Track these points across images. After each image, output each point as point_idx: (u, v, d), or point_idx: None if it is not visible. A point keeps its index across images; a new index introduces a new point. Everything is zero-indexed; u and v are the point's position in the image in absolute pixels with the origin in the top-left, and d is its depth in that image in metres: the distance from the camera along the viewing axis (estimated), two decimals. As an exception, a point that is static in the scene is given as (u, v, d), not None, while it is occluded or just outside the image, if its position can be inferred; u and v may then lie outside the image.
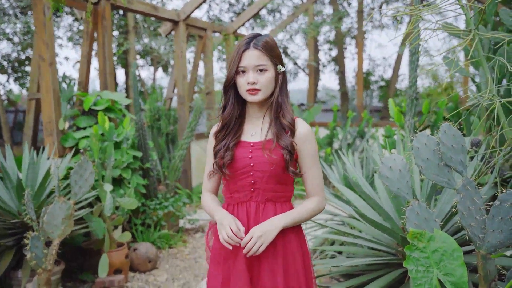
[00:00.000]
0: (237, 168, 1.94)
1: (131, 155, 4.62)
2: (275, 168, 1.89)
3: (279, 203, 1.97)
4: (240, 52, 1.90)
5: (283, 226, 1.88)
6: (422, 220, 2.09)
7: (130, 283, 4.19)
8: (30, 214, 2.98)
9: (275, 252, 1.92)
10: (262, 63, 1.88)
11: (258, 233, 1.83)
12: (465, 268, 1.84)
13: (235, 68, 1.90)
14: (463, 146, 2.01)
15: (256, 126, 2.00)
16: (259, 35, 1.93)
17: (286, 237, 1.95)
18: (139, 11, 6.06)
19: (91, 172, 3.26)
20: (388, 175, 2.16)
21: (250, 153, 1.94)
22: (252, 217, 1.94)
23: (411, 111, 3.77)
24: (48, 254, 3.11)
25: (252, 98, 1.91)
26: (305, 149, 1.94)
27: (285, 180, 1.96)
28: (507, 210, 1.92)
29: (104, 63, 5.39)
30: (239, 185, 1.97)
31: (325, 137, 8.06)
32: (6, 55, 12.38)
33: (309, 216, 1.98)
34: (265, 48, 1.89)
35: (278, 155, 1.89)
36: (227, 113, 1.98)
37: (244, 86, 1.90)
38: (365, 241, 2.96)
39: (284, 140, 1.89)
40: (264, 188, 1.93)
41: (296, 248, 1.97)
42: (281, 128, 1.92)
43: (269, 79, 1.91)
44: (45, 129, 4.56)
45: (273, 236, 1.85)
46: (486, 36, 2.71)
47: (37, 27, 4.52)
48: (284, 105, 1.95)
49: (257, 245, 1.81)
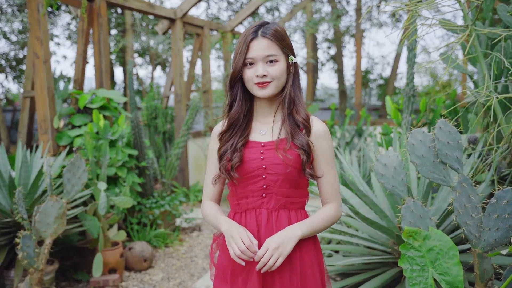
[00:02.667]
0: (248, 171, 1.73)
1: (126, 153, 4.58)
2: (291, 170, 1.69)
3: (293, 210, 1.76)
4: (247, 42, 1.68)
5: (301, 236, 1.67)
6: (417, 218, 2.06)
7: (125, 282, 4.16)
8: (21, 213, 2.94)
9: (292, 266, 1.71)
10: (272, 53, 1.68)
11: (274, 244, 1.61)
12: (460, 267, 1.81)
13: (242, 60, 1.69)
14: (459, 143, 1.98)
15: (266, 124, 1.80)
16: (267, 23, 1.72)
17: (303, 248, 1.74)
18: (135, 9, 6.02)
19: (84, 170, 3.22)
20: (383, 173, 2.12)
21: (262, 154, 1.73)
22: (263, 227, 1.72)
23: (408, 108, 3.73)
24: (41, 253, 3.07)
25: (263, 93, 1.70)
26: (321, 149, 1.74)
27: (299, 184, 1.76)
28: (504, 208, 1.88)
29: (100, 61, 5.35)
30: (248, 189, 1.75)
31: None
32: (4, 53, 12.35)
33: (327, 225, 1.76)
34: (275, 36, 1.68)
35: (294, 155, 1.68)
36: (234, 111, 1.77)
37: (253, 80, 1.69)
38: (359, 239, 2.93)
39: (299, 139, 1.70)
40: (277, 192, 1.72)
41: (314, 259, 1.77)
42: (295, 126, 1.72)
43: (281, 71, 1.70)
44: (39, 127, 4.52)
45: (291, 247, 1.63)
46: (483, 32, 2.68)
47: (31, 24, 4.47)
48: (298, 99, 1.75)
49: (274, 259, 1.59)
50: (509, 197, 1.87)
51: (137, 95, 14.86)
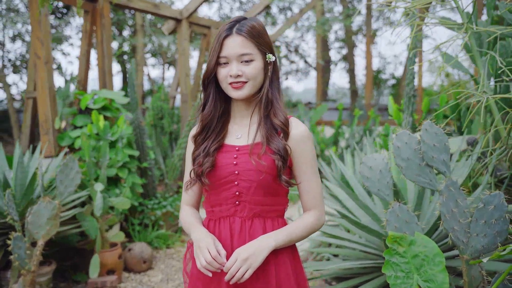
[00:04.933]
0: (220, 176, 1.64)
1: (126, 154, 4.57)
2: (265, 177, 1.59)
3: (269, 219, 1.66)
4: (221, 39, 1.59)
5: (275, 246, 1.57)
6: (403, 223, 1.99)
7: (123, 283, 4.14)
8: (11, 214, 2.94)
9: (267, 278, 1.61)
10: (247, 51, 1.58)
11: (244, 255, 1.51)
12: (446, 274, 1.74)
13: (215, 59, 1.60)
14: (445, 145, 1.91)
15: (243, 126, 1.70)
16: (244, 18, 1.63)
17: (279, 259, 1.64)
18: (139, 9, 6.02)
19: (77, 171, 3.21)
20: (368, 176, 2.06)
21: (235, 159, 1.63)
22: (236, 236, 1.63)
23: (409, 109, 3.65)
24: (33, 255, 3.06)
25: (238, 94, 1.60)
26: (300, 154, 1.64)
27: (276, 191, 1.65)
28: (491, 213, 1.81)
29: (103, 61, 5.36)
30: (222, 197, 1.66)
31: (331, 136, 7.95)
32: (20, 55, 12.50)
33: (306, 233, 1.66)
34: (251, 34, 1.58)
35: (268, 161, 1.59)
36: (206, 112, 1.68)
37: (227, 80, 1.60)
38: (351, 243, 2.87)
39: (275, 143, 1.59)
40: (251, 200, 1.63)
41: (291, 271, 1.66)
42: (272, 129, 1.62)
43: (257, 70, 1.60)
44: (41, 128, 4.53)
45: (262, 259, 1.53)
46: (483, 30, 2.60)
47: (33, 25, 4.49)
48: (276, 101, 1.65)
49: (242, 270, 1.50)
50: (497, 202, 1.80)
51: (149, 95, 14.96)
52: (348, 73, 12.55)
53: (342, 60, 14.01)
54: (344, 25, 11.93)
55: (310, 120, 8.52)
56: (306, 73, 17.03)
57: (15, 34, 12.00)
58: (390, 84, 13.51)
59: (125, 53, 14.37)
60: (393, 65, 14.63)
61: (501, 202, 1.80)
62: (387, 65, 13.63)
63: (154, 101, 7.00)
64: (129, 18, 12.62)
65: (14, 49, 13.25)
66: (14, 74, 13.36)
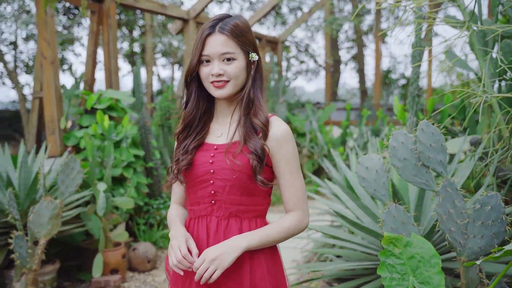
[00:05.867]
0: (196, 175, 1.64)
1: (131, 154, 4.58)
2: (238, 176, 1.57)
3: (246, 219, 1.63)
4: (203, 38, 1.57)
5: (247, 247, 1.54)
6: (399, 224, 1.97)
7: (127, 283, 4.15)
8: (12, 213, 2.96)
9: (241, 279, 1.58)
10: (229, 50, 1.56)
11: (212, 256, 1.50)
12: (442, 276, 1.71)
13: (197, 57, 1.58)
14: (442, 145, 1.88)
15: (224, 125, 1.69)
16: (228, 16, 1.61)
17: (255, 261, 1.60)
18: (145, 9, 6.04)
19: (79, 171, 3.22)
20: (365, 176, 2.04)
21: (212, 158, 1.62)
22: (212, 235, 1.61)
23: (413, 109, 3.61)
24: (35, 254, 3.08)
25: (219, 93, 1.59)
26: (280, 154, 1.60)
27: (253, 191, 1.62)
28: (488, 214, 1.78)
29: (109, 62, 5.38)
30: (199, 195, 1.65)
31: (339, 136, 7.91)
32: (33, 55, 12.61)
33: (284, 236, 1.62)
34: (233, 32, 1.56)
35: (243, 160, 1.56)
36: (188, 110, 1.67)
37: (209, 78, 1.59)
38: (351, 244, 2.84)
39: (253, 143, 1.57)
40: (227, 200, 1.61)
41: (268, 275, 1.62)
42: (251, 129, 1.60)
43: (239, 69, 1.58)
44: (47, 128, 4.56)
45: (231, 260, 1.50)
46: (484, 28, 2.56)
47: (39, 25, 4.53)
48: (257, 100, 1.63)
49: (210, 271, 1.48)
50: (494, 203, 1.77)
51: (159, 95, 15.01)
52: (358, 73, 12.48)
53: (352, 60, 13.95)
54: (354, 25, 11.86)
55: (318, 120, 8.49)
56: (316, 73, 16.98)
57: (28, 35, 12.13)
58: (400, 84, 13.41)
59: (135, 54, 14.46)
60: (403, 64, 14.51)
61: (498, 203, 1.77)
62: (397, 65, 13.54)
63: (162, 101, 7.01)
64: (139, 18, 12.68)
65: (27, 50, 13.36)
66: (27, 75, 13.52)
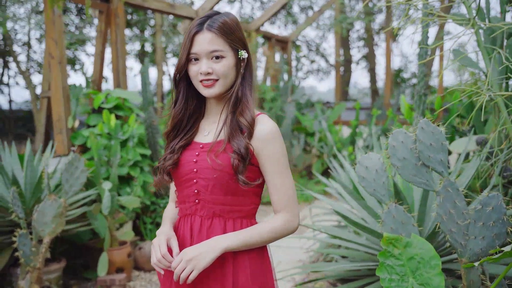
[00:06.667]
0: (181, 174, 1.63)
1: (137, 153, 4.59)
2: (219, 175, 1.54)
3: (231, 220, 1.60)
4: (191, 35, 1.55)
5: (226, 248, 1.51)
6: (399, 224, 1.94)
7: (133, 282, 4.16)
8: (16, 211, 2.97)
9: (223, 280, 1.56)
10: (217, 48, 1.54)
11: (189, 255, 1.48)
12: (442, 277, 1.68)
13: (185, 55, 1.56)
14: (443, 144, 1.84)
15: (212, 124, 1.67)
16: (217, 13, 1.58)
17: (239, 262, 1.57)
18: (154, 9, 6.05)
19: (83, 170, 3.23)
20: (364, 175, 2.01)
21: (196, 157, 1.61)
22: (196, 235, 1.60)
23: (419, 108, 3.56)
24: (39, 252, 3.09)
25: (208, 92, 1.57)
26: (265, 153, 1.56)
27: (237, 191, 1.58)
28: (489, 215, 1.74)
29: (117, 61, 5.40)
30: (184, 194, 1.64)
31: (348, 135, 7.87)
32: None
33: (270, 238, 1.58)
34: (222, 30, 1.54)
35: (225, 159, 1.54)
36: (177, 109, 1.65)
37: (197, 77, 1.56)
38: (352, 244, 2.81)
39: (236, 142, 1.54)
40: (210, 199, 1.59)
41: (251, 277, 1.58)
42: (237, 127, 1.57)
43: (228, 67, 1.56)
44: (54, 127, 4.59)
45: (209, 260, 1.47)
46: (490, 25, 2.52)
47: (47, 25, 4.55)
48: (245, 99, 1.60)
49: (187, 271, 1.46)
50: (495, 203, 1.73)
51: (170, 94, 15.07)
52: (369, 72, 12.39)
53: (363, 59, 13.86)
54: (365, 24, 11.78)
55: (328, 120, 8.44)
56: (328, 72, 16.91)
57: (42, 35, 12.24)
58: (412, 84, 13.29)
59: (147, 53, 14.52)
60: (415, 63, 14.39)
61: (499, 203, 1.73)
62: (409, 64, 13.43)
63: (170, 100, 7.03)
64: (150, 18, 12.74)
65: (40, 50, 13.49)
66: (40, 75, 13.65)
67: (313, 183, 7.79)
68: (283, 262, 4.48)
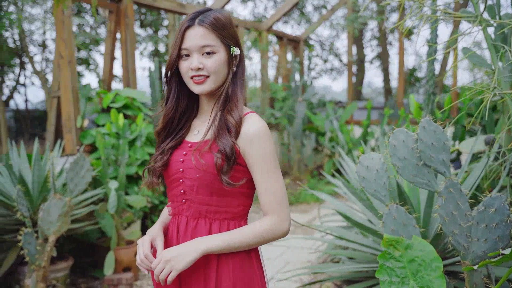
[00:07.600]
0: (169, 173, 1.60)
1: (145, 152, 4.60)
2: (202, 175, 1.50)
3: (217, 221, 1.55)
4: (182, 31, 1.51)
5: (206, 251, 1.46)
6: (400, 226, 1.90)
7: (140, 281, 4.17)
8: (21, 210, 2.99)
9: (206, 282, 1.53)
10: (209, 43, 1.50)
11: (167, 257, 1.44)
12: (444, 280, 1.64)
13: (176, 51, 1.52)
14: (445, 144, 1.79)
15: (204, 122, 1.62)
16: (209, 9, 1.55)
17: (222, 265, 1.53)
18: (164, 9, 6.06)
19: (88, 169, 3.24)
20: (365, 176, 1.97)
21: (183, 156, 1.57)
22: (181, 235, 1.57)
23: (428, 107, 3.51)
24: (44, 251, 3.11)
25: (199, 89, 1.52)
26: (252, 153, 1.51)
27: (225, 192, 1.53)
28: (492, 217, 1.69)
29: (127, 61, 5.42)
30: (173, 193, 1.61)
31: (360, 135, 7.80)
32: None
33: (255, 241, 1.51)
34: (213, 25, 1.50)
35: (208, 159, 1.49)
36: (168, 108, 1.61)
37: (188, 73, 1.52)
38: (356, 245, 2.77)
39: (222, 141, 1.49)
40: (195, 199, 1.55)
41: (233, 281, 1.52)
42: (225, 126, 1.52)
43: (219, 63, 1.52)
44: (64, 126, 4.62)
45: (188, 262, 1.43)
46: (497, 22, 2.46)
47: (57, 25, 4.58)
48: (235, 97, 1.56)
49: (165, 272, 1.43)
50: (498, 205, 1.68)
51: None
52: (383, 71, 12.28)
53: (377, 58, 13.75)
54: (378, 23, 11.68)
55: (340, 119, 8.38)
56: (341, 72, 16.81)
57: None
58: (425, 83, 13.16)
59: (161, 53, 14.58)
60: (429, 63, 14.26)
61: (502, 205, 1.68)
62: (424, 63, 13.28)
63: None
64: (164, 18, 12.78)
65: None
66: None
67: (324, 183, 7.74)
68: (292, 263, 4.45)
